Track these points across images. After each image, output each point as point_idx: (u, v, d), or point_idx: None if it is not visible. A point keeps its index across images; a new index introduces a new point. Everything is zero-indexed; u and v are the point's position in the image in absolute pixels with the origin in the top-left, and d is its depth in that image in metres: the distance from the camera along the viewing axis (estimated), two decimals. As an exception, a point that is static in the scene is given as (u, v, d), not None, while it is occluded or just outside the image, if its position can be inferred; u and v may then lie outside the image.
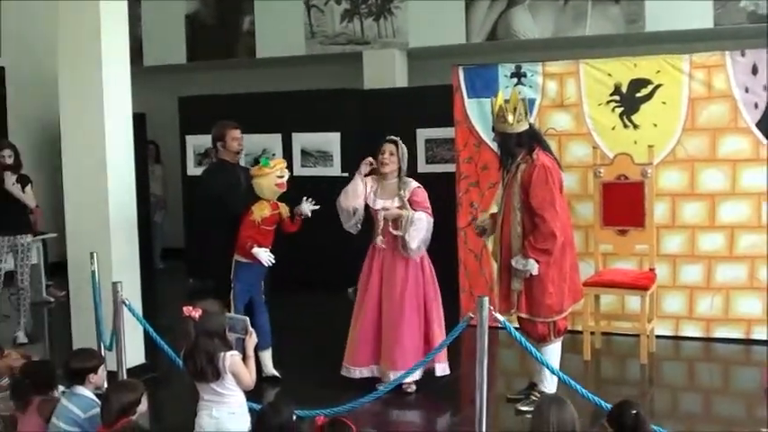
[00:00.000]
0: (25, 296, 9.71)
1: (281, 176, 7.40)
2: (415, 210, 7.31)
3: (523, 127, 6.81)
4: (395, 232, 7.31)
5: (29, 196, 9.59)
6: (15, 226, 9.58)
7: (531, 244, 6.62)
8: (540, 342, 6.80)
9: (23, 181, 9.48)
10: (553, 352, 6.91)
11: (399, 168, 7.50)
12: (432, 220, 7.39)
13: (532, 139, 6.86)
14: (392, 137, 7.63)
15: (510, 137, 6.80)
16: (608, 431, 4.46)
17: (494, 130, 7.00)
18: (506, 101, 6.85)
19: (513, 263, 6.71)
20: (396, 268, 7.40)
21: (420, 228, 7.29)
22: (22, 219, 9.63)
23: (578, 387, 5.47)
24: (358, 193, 7.47)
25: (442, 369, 7.52)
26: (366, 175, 7.57)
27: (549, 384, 6.86)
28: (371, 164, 7.51)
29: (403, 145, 7.58)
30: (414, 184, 7.50)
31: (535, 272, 6.65)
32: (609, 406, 4.94)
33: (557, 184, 6.74)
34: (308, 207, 7.62)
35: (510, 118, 6.74)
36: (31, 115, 13.56)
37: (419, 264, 7.45)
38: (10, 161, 9.40)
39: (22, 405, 5.41)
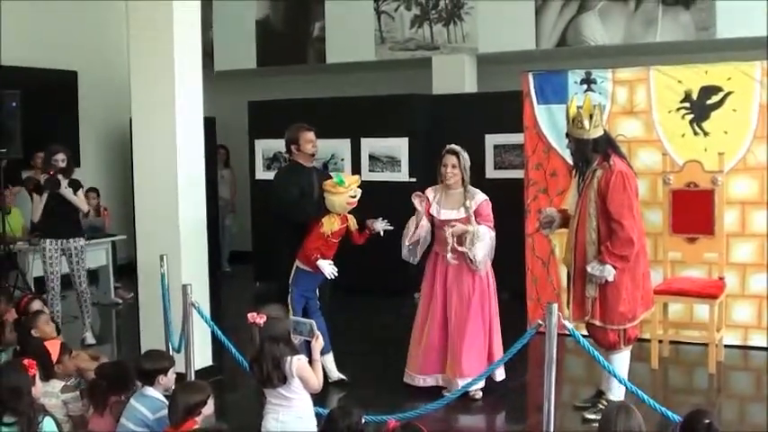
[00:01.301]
0: (86, 298, 9.82)
1: (354, 196, 7.41)
2: (479, 223, 7.30)
3: (599, 133, 6.76)
4: (459, 248, 7.26)
5: (81, 200, 9.69)
6: (68, 230, 9.64)
7: (609, 250, 6.58)
8: (609, 350, 6.78)
9: (75, 185, 9.57)
10: (622, 360, 6.86)
11: (462, 179, 7.47)
12: (494, 234, 7.37)
13: (608, 145, 6.82)
14: (453, 147, 7.57)
15: (586, 143, 6.75)
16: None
17: (568, 135, 6.93)
18: (579, 107, 6.79)
19: (590, 269, 6.65)
20: (463, 279, 7.38)
21: (485, 243, 7.28)
22: (73, 222, 9.72)
23: (645, 396, 5.40)
24: (422, 230, 7.50)
25: (500, 374, 7.56)
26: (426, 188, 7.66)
27: (617, 392, 6.79)
28: (423, 198, 7.52)
29: (465, 153, 7.52)
30: (481, 196, 7.47)
31: (611, 278, 6.60)
32: (675, 416, 4.90)
33: (633, 191, 6.72)
34: (381, 226, 7.65)
35: (586, 123, 6.70)
36: (102, 119, 13.78)
37: (485, 275, 7.45)
38: (63, 165, 9.46)
39: (98, 405, 5.50)
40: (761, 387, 7.94)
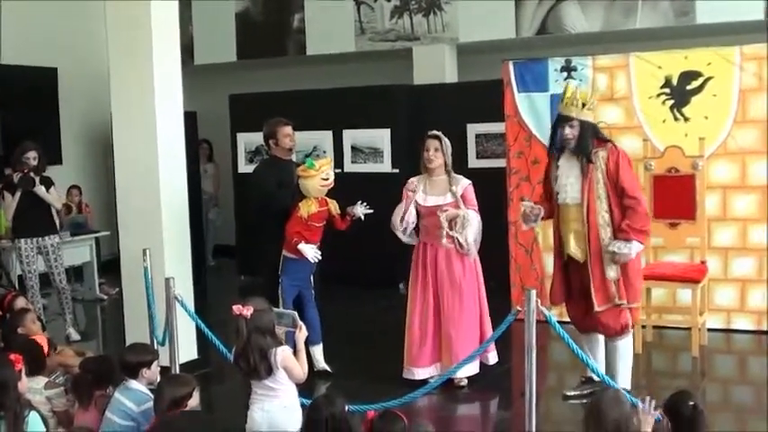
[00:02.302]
0: (66, 295, 9.80)
1: (326, 179, 7.40)
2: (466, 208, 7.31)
3: (592, 118, 6.89)
4: (450, 233, 7.26)
5: (54, 197, 9.64)
6: (42, 228, 9.58)
7: (632, 227, 6.58)
8: (617, 335, 6.81)
9: (46, 183, 9.50)
10: (629, 345, 6.93)
11: (445, 163, 7.48)
12: (479, 218, 7.38)
13: (597, 129, 6.94)
14: (434, 132, 7.57)
15: (590, 125, 6.77)
16: (664, 421, 4.45)
17: (567, 118, 6.75)
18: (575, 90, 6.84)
19: (616, 249, 6.60)
20: (453, 266, 7.37)
21: (474, 227, 7.29)
22: (48, 220, 9.64)
23: (622, 390, 5.42)
24: (410, 217, 7.48)
25: (493, 357, 7.63)
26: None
27: (624, 380, 6.82)
28: (413, 189, 7.50)
29: (446, 139, 7.52)
30: (465, 181, 7.48)
31: (634, 255, 6.64)
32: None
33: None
34: (361, 210, 7.64)
35: (589, 105, 6.79)
36: (83, 115, 13.75)
37: (473, 261, 7.47)
38: (35, 163, 9.38)
39: (84, 400, 5.50)
40: (744, 370, 8.00)
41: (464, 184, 7.44)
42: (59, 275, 9.69)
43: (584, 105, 6.73)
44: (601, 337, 6.96)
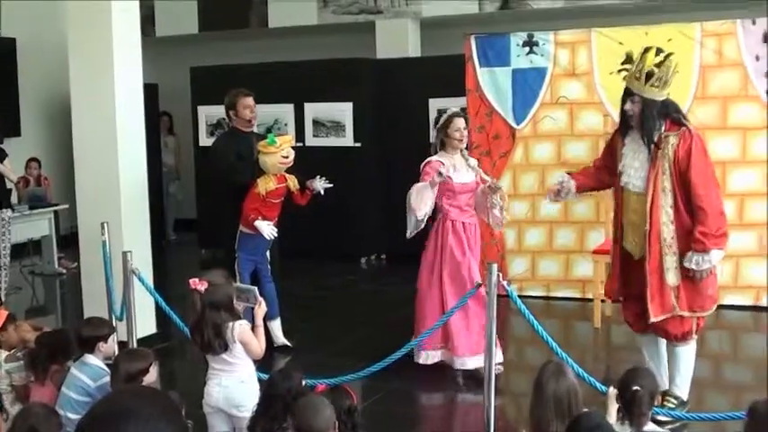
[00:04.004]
0: (6, 272, 9.63)
1: (286, 156, 7.34)
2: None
3: (666, 95, 5.97)
4: (496, 210, 6.99)
5: (8, 170, 9.49)
6: None
7: (707, 233, 5.70)
8: (679, 342, 6.05)
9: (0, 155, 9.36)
10: (690, 353, 6.14)
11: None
12: None
13: (675, 108, 6.03)
14: (458, 110, 7.35)
15: (654, 104, 5.88)
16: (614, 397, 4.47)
17: (628, 92, 6.02)
18: (659, 64, 5.95)
19: (694, 266, 5.75)
20: (478, 246, 7.19)
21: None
22: (1, 193, 9.48)
23: (581, 371, 5.42)
24: (432, 201, 6.93)
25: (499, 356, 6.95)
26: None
27: (684, 388, 6.14)
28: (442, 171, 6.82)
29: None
30: (474, 159, 7.34)
31: (715, 265, 5.82)
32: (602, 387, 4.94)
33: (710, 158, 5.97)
34: (320, 184, 7.59)
35: (662, 83, 5.90)
36: (42, 87, 13.58)
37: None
38: None
39: (39, 374, 5.46)
40: (701, 343, 8.05)
41: (474, 160, 7.29)
42: (4, 251, 9.52)
43: (648, 79, 5.87)
44: (662, 341, 6.19)
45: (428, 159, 7.06)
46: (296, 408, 4.09)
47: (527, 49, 9.42)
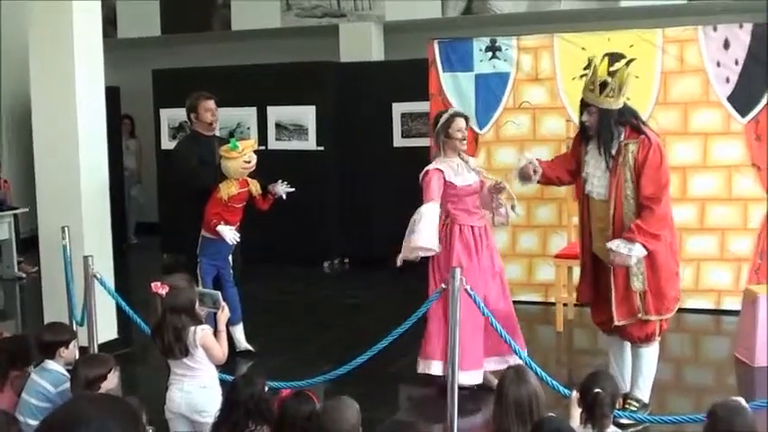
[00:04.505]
0: None
1: (249, 161, 7.31)
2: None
3: (622, 102, 5.93)
4: (505, 202, 6.80)
5: None
6: None
7: (642, 227, 5.73)
8: (642, 343, 6.10)
9: None
10: (653, 354, 6.17)
11: None
12: None
13: (632, 114, 6.00)
14: (459, 110, 7.09)
15: (611, 113, 5.85)
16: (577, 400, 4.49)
17: (583, 103, 6.00)
18: (612, 72, 5.89)
19: (614, 247, 5.77)
20: (495, 250, 6.89)
21: None
22: None
23: (552, 381, 5.43)
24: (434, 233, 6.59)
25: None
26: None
27: (645, 390, 6.19)
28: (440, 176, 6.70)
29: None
30: (473, 158, 7.15)
31: (634, 261, 5.80)
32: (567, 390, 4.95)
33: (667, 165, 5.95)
34: (282, 189, 7.58)
35: (617, 92, 5.83)
36: (2, 88, 13.44)
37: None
38: None
39: (-1, 381, 5.40)
40: (664, 348, 8.09)
41: (474, 161, 7.09)
42: None
43: (602, 89, 5.84)
44: (626, 343, 6.25)
45: (426, 169, 6.80)
46: (321, 412, 4.07)
47: (490, 53, 9.44)
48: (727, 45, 8.70)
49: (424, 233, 6.47)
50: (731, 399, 4.23)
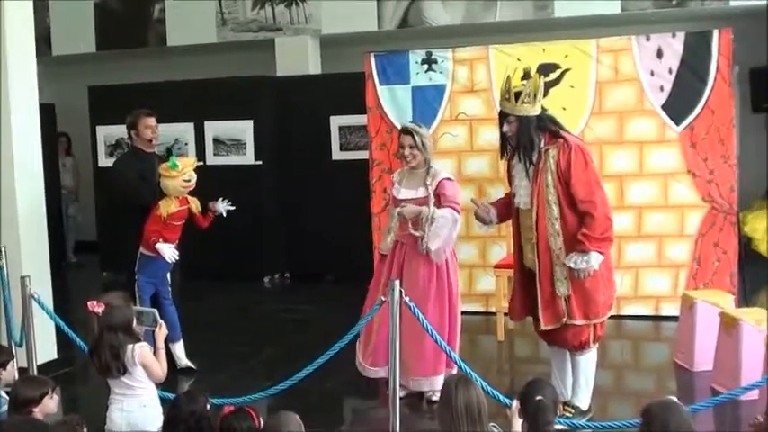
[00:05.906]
0: None
1: (188, 180, 7.31)
2: (441, 204, 6.61)
3: (539, 109, 6.00)
4: (413, 233, 6.59)
5: None
6: None
7: (589, 235, 5.78)
8: (577, 350, 6.14)
9: None
10: (591, 361, 6.22)
11: (425, 159, 6.76)
12: (459, 217, 6.69)
13: (551, 120, 6.07)
14: (407, 125, 6.97)
15: (530, 120, 5.91)
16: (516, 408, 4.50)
17: (502, 114, 6.05)
18: (525, 82, 6.04)
19: (572, 264, 5.83)
20: (420, 267, 6.71)
21: (442, 226, 6.56)
22: None
23: (493, 390, 5.44)
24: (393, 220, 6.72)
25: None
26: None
27: (584, 398, 6.23)
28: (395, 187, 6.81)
29: (421, 130, 6.83)
30: (443, 174, 6.79)
31: (597, 267, 5.84)
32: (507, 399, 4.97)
33: (593, 164, 6.01)
34: (223, 207, 7.59)
35: (533, 98, 5.90)
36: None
37: (444, 263, 6.75)
38: None
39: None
40: (604, 354, 8.17)
41: (440, 177, 6.71)
42: None
43: (518, 98, 5.91)
44: (566, 352, 6.28)
45: (448, 176, 6.81)
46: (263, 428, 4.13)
47: (426, 66, 9.48)
48: (660, 54, 8.82)
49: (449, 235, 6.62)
50: (666, 397, 4.28)
